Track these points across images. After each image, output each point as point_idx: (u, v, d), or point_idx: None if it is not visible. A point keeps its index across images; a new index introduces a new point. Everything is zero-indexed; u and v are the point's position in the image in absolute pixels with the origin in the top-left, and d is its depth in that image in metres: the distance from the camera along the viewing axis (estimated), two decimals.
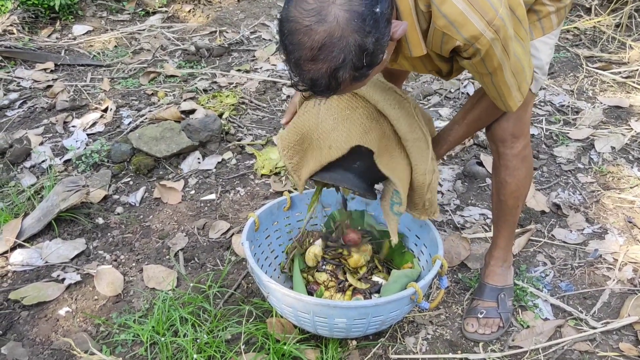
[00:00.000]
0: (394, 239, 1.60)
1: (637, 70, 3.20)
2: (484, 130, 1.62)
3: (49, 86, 3.11)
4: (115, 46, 3.67)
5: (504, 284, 1.76)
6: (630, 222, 2.13)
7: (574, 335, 1.68)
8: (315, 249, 1.76)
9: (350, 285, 1.72)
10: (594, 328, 1.70)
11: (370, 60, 1.09)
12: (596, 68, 3.28)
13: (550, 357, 1.62)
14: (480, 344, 1.66)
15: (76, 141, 2.61)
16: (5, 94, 3.02)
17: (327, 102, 1.49)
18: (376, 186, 1.63)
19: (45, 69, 3.30)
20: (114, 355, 1.62)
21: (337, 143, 1.46)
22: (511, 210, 1.69)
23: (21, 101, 2.98)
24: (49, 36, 3.75)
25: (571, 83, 3.14)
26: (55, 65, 3.34)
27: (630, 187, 2.31)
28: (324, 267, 1.75)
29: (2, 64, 3.31)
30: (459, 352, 1.64)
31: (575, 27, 3.79)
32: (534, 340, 1.66)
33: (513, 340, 1.67)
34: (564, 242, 2.05)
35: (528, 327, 1.71)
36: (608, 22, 3.75)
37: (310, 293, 1.71)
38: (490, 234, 2.05)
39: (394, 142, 1.53)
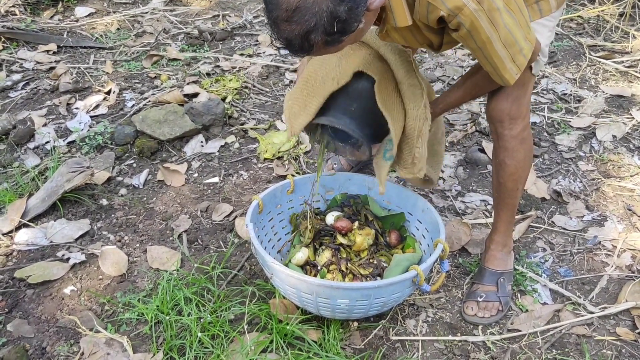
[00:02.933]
0: (382, 189, 1.61)
1: (639, 59, 3.20)
2: (485, 116, 1.64)
3: (52, 68, 3.11)
4: (118, 29, 3.67)
5: (503, 269, 1.79)
6: (629, 210, 2.15)
7: (572, 319, 1.70)
8: (300, 255, 1.77)
9: (350, 271, 1.74)
10: (591, 313, 1.73)
11: (342, 27, 1.13)
12: (599, 57, 3.28)
13: (548, 340, 1.65)
14: (480, 327, 1.69)
15: (80, 123, 2.62)
16: (8, 75, 3.02)
17: None
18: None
19: (47, 51, 3.30)
20: (119, 334, 1.64)
21: (340, 73, 1.55)
22: (510, 193, 1.70)
23: (24, 82, 2.98)
24: (51, 18, 3.74)
25: (574, 72, 3.14)
26: (58, 47, 3.33)
27: (631, 176, 2.33)
28: (322, 252, 1.77)
29: (5, 45, 3.30)
30: (459, 334, 1.67)
31: (578, 16, 3.79)
32: (532, 324, 1.69)
33: (512, 324, 1.70)
34: (564, 228, 2.07)
35: (527, 311, 1.74)
36: (612, 11, 3.74)
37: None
38: (491, 220, 2.07)
39: (391, 87, 1.58)
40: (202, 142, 2.52)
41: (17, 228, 2.01)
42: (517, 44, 1.33)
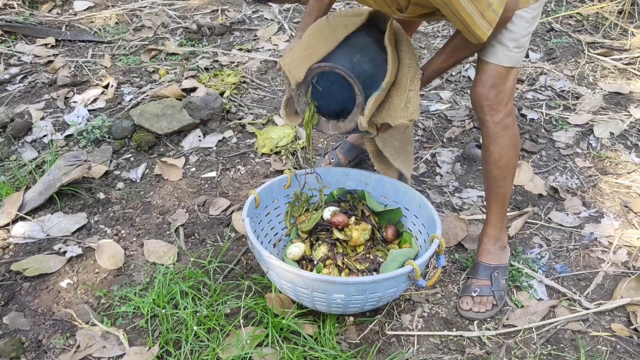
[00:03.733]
0: (364, 121, 1.60)
1: (638, 57, 3.20)
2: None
3: (50, 61, 3.11)
4: (117, 23, 3.66)
5: (497, 263, 1.79)
6: (626, 207, 2.15)
7: (567, 315, 1.71)
8: (296, 249, 1.77)
9: (346, 266, 1.74)
10: (587, 309, 1.73)
11: None
12: (597, 54, 3.28)
13: (543, 336, 1.65)
14: (475, 322, 1.69)
15: (77, 117, 2.61)
16: (6, 69, 3.02)
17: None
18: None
19: (46, 44, 3.29)
20: (115, 327, 1.65)
21: (352, 21, 1.61)
22: (497, 181, 1.72)
23: (22, 76, 2.98)
24: (49, 11, 3.73)
25: (572, 68, 3.14)
26: (56, 40, 3.33)
27: (628, 173, 2.33)
28: (319, 246, 1.77)
29: (3, 38, 3.30)
30: (454, 329, 1.67)
31: (578, 13, 3.78)
32: (527, 320, 1.69)
33: (507, 319, 1.70)
34: (561, 225, 2.07)
35: (522, 306, 1.74)
36: (611, 8, 3.74)
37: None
38: None
39: (392, 40, 1.64)
40: (199, 136, 2.52)
41: (14, 221, 2.01)
42: None
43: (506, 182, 1.72)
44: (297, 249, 1.75)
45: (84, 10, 3.77)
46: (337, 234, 1.77)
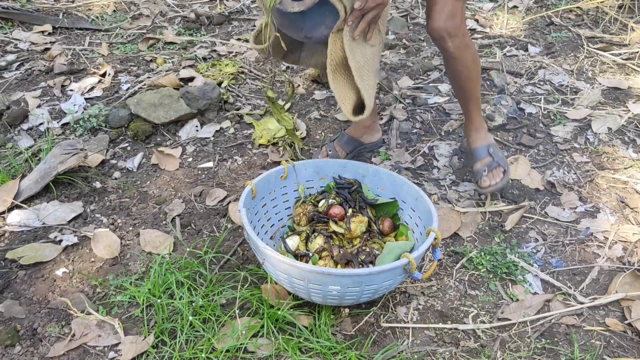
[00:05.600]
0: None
1: (637, 52, 3.20)
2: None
3: (47, 49, 3.09)
4: (114, 11, 3.63)
5: (488, 142, 2.11)
6: (622, 202, 2.15)
7: (562, 309, 1.72)
8: (291, 242, 1.78)
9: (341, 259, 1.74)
10: (581, 303, 1.74)
11: None
12: (597, 49, 3.27)
13: (537, 330, 1.66)
14: (470, 315, 1.70)
15: (74, 105, 2.60)
16: (2, 55, 3.00)
17: None
18: None
19: (43, 32, 3.27)
20: (110, 316, 1.65)
21: None
22: (471, 91, 2.03)
23: (18, 63, 2.96)
24: None
25: (571, 63, 3.14)
26: (53, 28, 3.31)
27: (625, 168, 2.33)
28: (315, 238, 1.77)
29: (0, 25, 3.27)
30: (449, 322, 1.68)
31: (578, 7, 3.77)
32: (522, 314, 1.70)
33: (502, 313, 1.71)
34: (557, 219, 2.07)
35: (517, 300, 1.75)
36: (611, 2, 3.73)
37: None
38: (483, 209, 2.08)
39: None
40: (197, 126, 2.51)
41: (10, 209, 2.01)
42: None
43: (477, 87, 2.02)
44: (293, 241, 1.76)
45: None
46: (334, 227, 1.77)
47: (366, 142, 2.31)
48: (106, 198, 2.12)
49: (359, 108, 1.76)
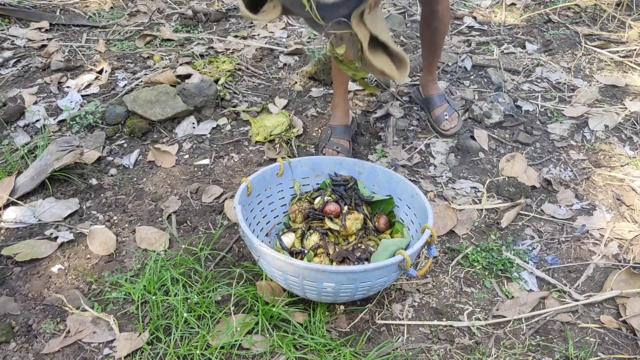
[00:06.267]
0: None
1: (635, 49, 3.20)
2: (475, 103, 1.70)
3: (44, 46, 3.08)
4: (112, 7, 3.63)
5: (443, 92, 2.54)
6: (618, 200, 2.15)
7: (557, 306, 1.72)
8: (286, 240, 1.78)
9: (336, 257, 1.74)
10: (576, 300, 1.74)
11: None
12: (595, 46, 3.27)
13: (532, 327, 1.66)
14: (465, 312, 1.70)
15: (70, 102, 2.60)
16: None
17: None
18: None
19: (40, 28, 3.26)
20: (105, 313, 1.65)
21: None
22: (440, 47, 2.39)
23: (15, 60, 2.95)
24: None
25: (569, 60, 3.13)
26: (50, 24, 3.30)
27: (621, 166, 2.33)
28: (310, 235, 1.77)
29: None
30: (444, 319, 1.68)
31: (576, 4, 3.77)
32: (517, 311, 1.70)
33: (497, 310, 1.71)
34: (553, 217, 2.07)
35: (512, 297, 1.75)
36: (609, 0, 3.72)
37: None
38: (480, 206, 2.08)
39: None
40: (193, 123, 2.51)
41: (6, 206, 2.01)
42: None
43: (444, 36, 2.34)
44: (288, 239, 1.76)
45: None
46: (329, 224, 1.77)
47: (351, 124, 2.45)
48: (102, 195, 2.11)
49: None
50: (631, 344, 1.61)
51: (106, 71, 2.83)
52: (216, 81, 2.77)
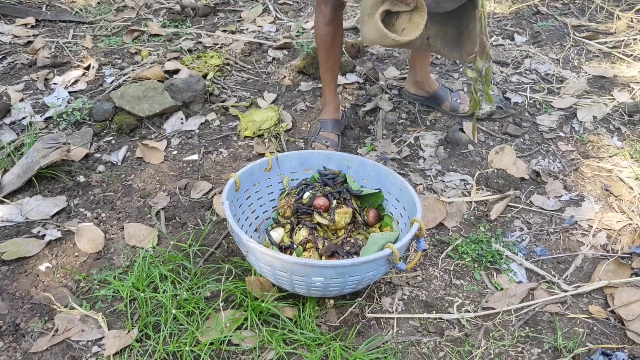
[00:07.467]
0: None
1: (623, 40, 3.20)
2: None
3: (30, 42, 3.05)
4: (98, 2, 3.60)
5: (439, 82, 2.63)
6: (607, 190, 2.16)
7: (546, 297, 1.72)
8: (275, 235, 1.77)
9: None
10: (565, 291, 1.75)
11: None
12: (583, 37, 3.28)
13: (521, 318, 1.67)
14: (455, 305, 1.70)
15: (57, 98, 2.57)
16: None
17: None
18: None
19: (25, 24, 3.23)
20: (94, 310, 1.64)
21: None
22: None
23: (0, 56, 2.92)
24: None
25: (557, 52, 3.14)
26: (36, 20, 3.27)
27: (609, 156, 2.34)
28: (299, 230, 1.77)
29: None
30: (434, 312, 1.68)
31: None
32: (506, 302, 1.71)
33: (486, 302, 1.71)
34: (542, 208, 2.08)
35: (502, 289, 1.75)
36: None
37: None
38: (469, 199, 2.09)
39: None
40: (182, 119, 2.50)
41: None
42: None
43: None
44: (277, 234, 1.75)
45: None
46: (318, 218, 1.77)
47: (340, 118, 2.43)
48: (90, 192, 2.10)
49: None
50: (619, 334, 1.62)
51: (93, 67, 2.81)
52: (204, 76, 2.75)
